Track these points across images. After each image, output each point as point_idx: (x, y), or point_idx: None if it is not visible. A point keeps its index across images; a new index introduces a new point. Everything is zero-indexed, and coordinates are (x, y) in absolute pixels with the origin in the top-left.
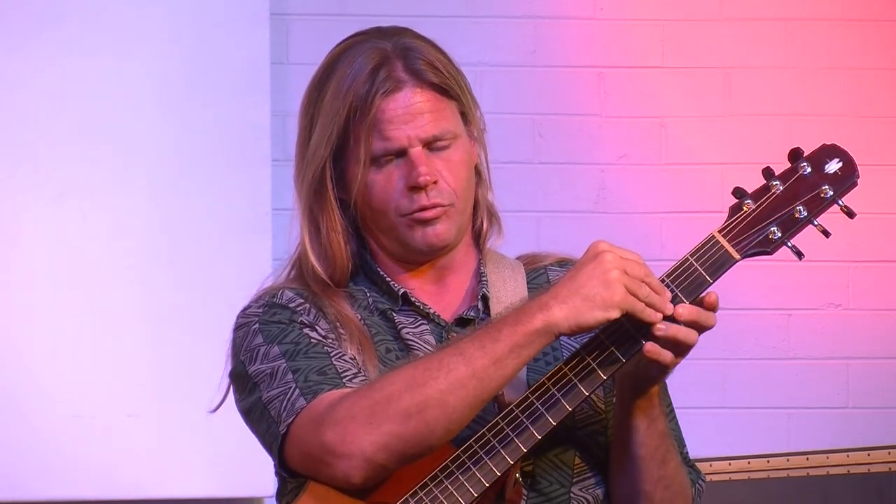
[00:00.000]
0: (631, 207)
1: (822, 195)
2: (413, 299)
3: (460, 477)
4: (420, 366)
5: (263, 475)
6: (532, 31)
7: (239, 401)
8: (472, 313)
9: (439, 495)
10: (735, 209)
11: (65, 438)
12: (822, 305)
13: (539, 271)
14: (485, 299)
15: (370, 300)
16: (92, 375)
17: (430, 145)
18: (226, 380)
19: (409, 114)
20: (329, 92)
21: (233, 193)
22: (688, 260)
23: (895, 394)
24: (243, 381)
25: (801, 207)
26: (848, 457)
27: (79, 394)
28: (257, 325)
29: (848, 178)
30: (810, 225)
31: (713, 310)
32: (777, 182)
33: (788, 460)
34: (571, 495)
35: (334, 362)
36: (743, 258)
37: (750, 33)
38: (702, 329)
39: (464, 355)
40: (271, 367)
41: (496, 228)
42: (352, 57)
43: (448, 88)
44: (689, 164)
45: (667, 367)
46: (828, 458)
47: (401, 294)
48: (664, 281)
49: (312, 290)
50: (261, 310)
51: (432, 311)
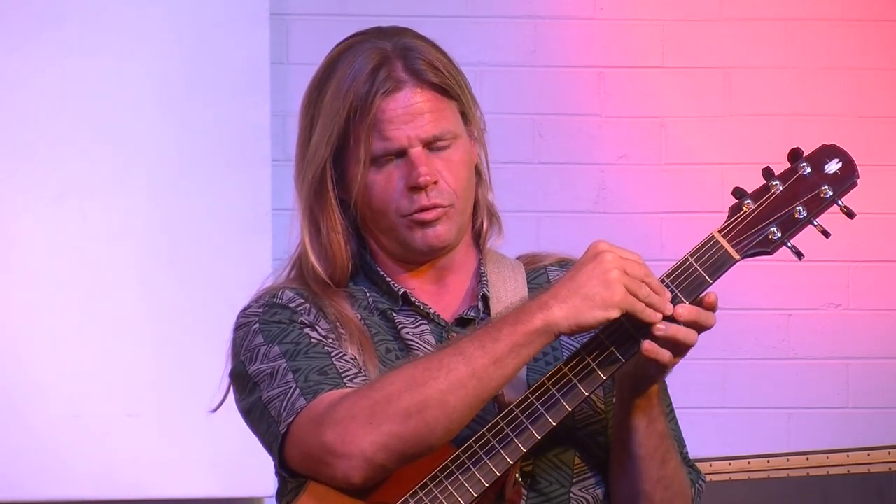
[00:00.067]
0: (631, 207)
1: (822, 195)
2: (413, 299)
3: (460, 477)
4: (420, 366)
5: (263, 475)
6: (532, 31)
7: (239, 401)
8: (472, 313)
9: (439, 495)
10: (735, 209)
11: (64, 438)
12: (822, 305)
13: (539, 271)
14: (485, 299)
15: (370, 300)
16: (92, 375)
17: (431, 145)
18: (226, 380)
19: (410, 114)
20: (329, 92)
21: (233, 193)
22: (688, 260)
23: (895, 394)
24: (243, 381)
25: (800, 207)
26: (848, 457)
27: (79, 394)
28: (257, 325)
29: (848, 178)
30: (810, 225)
31: (712, 310)
32: (777, 182)
33: (788, 460)
34: (571, 495)
35: (335, 362)
36: (743, 258)
37: (750, 33)
38: (701, 329)
39: (464, 355)
40: (271, 366)
41: (496, 228)
42: (352, 57)
43: (448, 88)
44: (689, 164)
45: (665, 367)
46: (828, 458)
47: (401, 294)
48: (664, 281)
49: (313, 290)
50: (261, 310)
51: (432, 311)
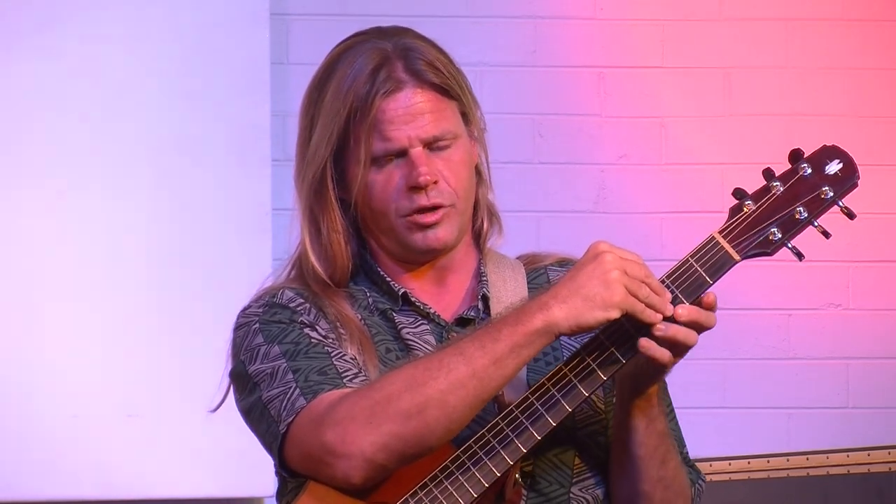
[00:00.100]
0: (631, 207)
1: (823, 196)
2: (413, 299)
3: (460, 477)
4: (420, 366)
5: (263, 475)
6: (532, 31)
7: (239, 400)
8: (472, 313)
9: (439, 496)
10: (735, 210)
11: (64, 438)
12: (822, 305)
13: (539, 271)
14: (485, 299)
15: (370, 300)
16: (92, 375)
17: (431, 146)
18: (226, 379)
19: (410, 114)
20: (329, 92)
21: (233, 193)
22: (688, 261)
23: (895, 394)
24: (243, 381)
25: (801, 208)
26: (848, 457)
27: (79, 394)
28: (257, 325)
29: (848, 179)
30: (810, 226)
31: (711, 309)
32: (777, 183)
33: (788, 460)
34: (571, 495)
35: (334, 362)
36: (743, 259)
37: (750, 33)
38: (702, 329)
39: (464, 355)
40: (271, 366)
41: (496, 228)
42: (352, 57)
43: (448, 88)
44: (689, 164)
45: (665, 367)
46: (828, 458)
47: (401, 294)
48: (664, 282)
49: (313, 290)
50: (261, 309)
51: (432, 311)
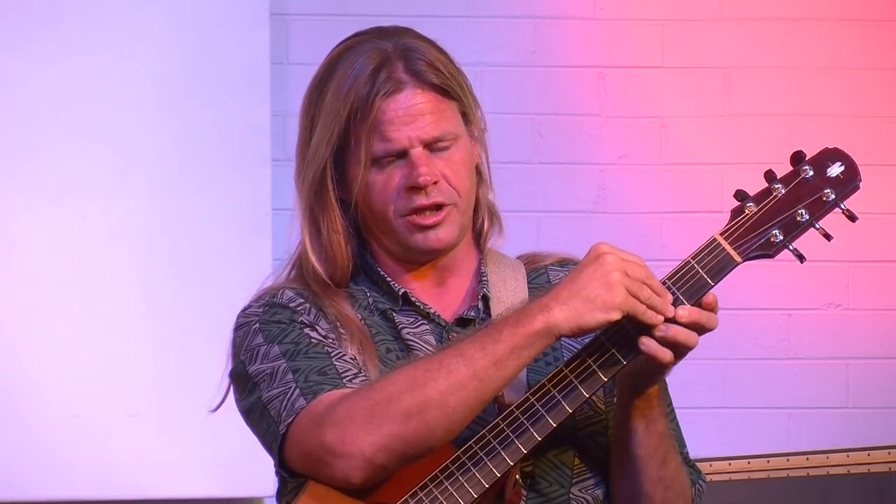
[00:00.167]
0: (631, 207)
1: (824, 199)
2: (413, 299)
3: (460, 478)
4: (420, 366)
5: (263, 475)
6: (532, 31)
7: (239, 400)
8: (472, 313)
9: (439, 496)
10: (737, 212)
11: (64, 438)
12: (822, 305)
13: (540, 271)
14: (485, 299)
15: (370, 300)
16: (92, 375)
17: (431, 146)
18: (226, 379)
19: (410, 115)
20: (330, 92)
21: (233, 193)
22: (689, 262)
23: (895, 394)
24: (243, 381)
25: (802, 211)
26: (848, 457)
27: (79, 394)
28: (257, 325)
29: (850, 181)
30: (812, 228)
31: (711, 310)
32: (779, 185)
33: (788, 460)
34: (571, 496)
35: (334, 362)
36: (744, 261)
37: (750, 33)
38: (703, 331)
39: (464, 356)
40: (271, 366)
41: (497, 228)
42: (352, 57)
43: (449, 89)
44: (689, 164)
45: (665, 367)
46: (828, 458)
47: (401, 294)
48: (665, 283)
49: (313, 290)
50: (261, 309)
51: (433, 311)
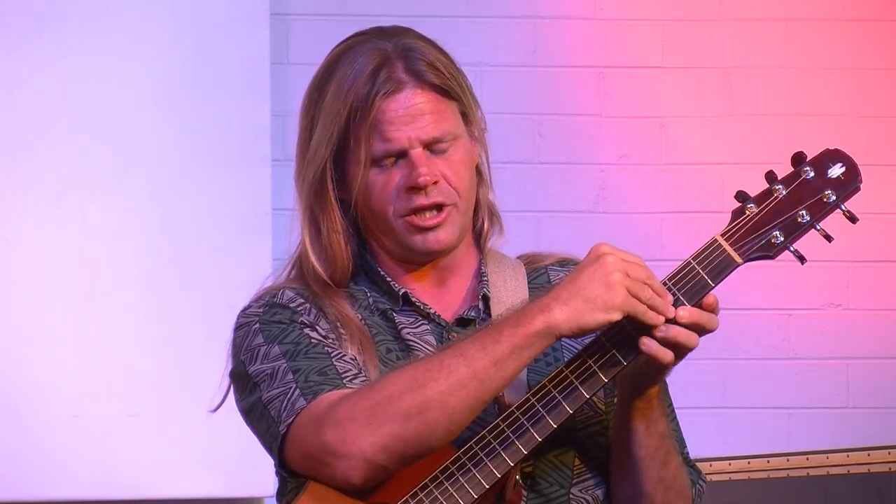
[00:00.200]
0: (631, 207)
1: (825, 200)
2: (414, 299)
3: (460, 478)
4: (421, 367)
5: (263, 475)
6: (532, 31)
7: (239, 401)
8: (472, 313)
9: (439, 496)
10: (738, 213)
11: (64, 438)
12: (822, 305)
13: (540, 271)
14: (485, 299)
15: (371, 300)
16: (92, 375)
17: (431, 146)
18: (226, 379)
19: (410, 115)
20: (330, 92)
21: (233, 193)
22: (690, 263)
23: (895, 394)
24: (244, 381)
25: (803, 212)
26: (848, 457)
27: (79, 394)
28: (258, 325)
29: (851, 182)
30: (813, 229)
31: (712, 311)
32: (780, 186)
33: (788, 460)
34: (571, 496)
35: (335, 363)
36: (745, 262)
37: (750, 33)
38: (703, 332)
39: (464, 356)
40: (272, 367)
41: (497, 228)
42: (352, 57)
43: (449, 89)
44: (689, 164)
45: (665, 368)
46: (828, 458)
47: (401, 294)
48: (666, 284)
49: (313, 290)
50: (261, 309)
51: (433, 312)
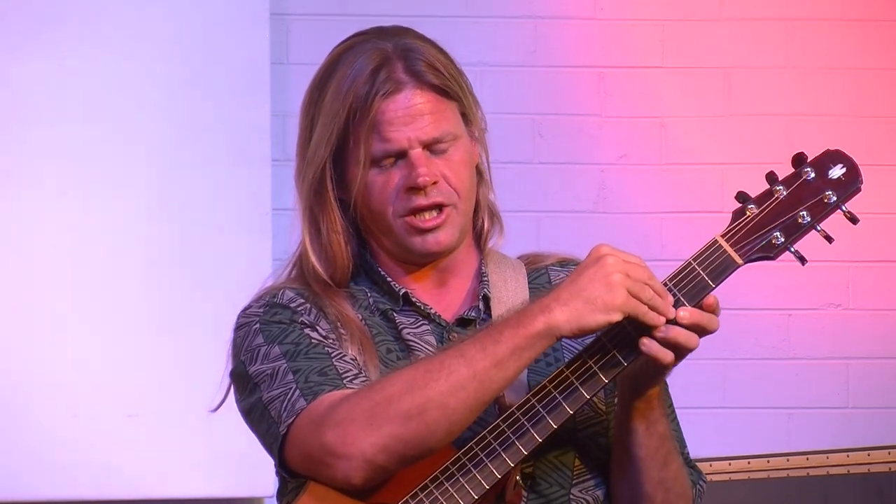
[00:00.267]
0: (631, 207)
1: (826, 201)
2: (414, 299)
3: (460, 479)
4: (421, 367)
5: (263, 475)
6: (532, 31)
7: (239, 401)
8: (472, 313)
9: (439, 497)
10: (738, 213)
11: (64, 438)
12: (822, 305)
13: (540, 271)
14: (486, 299)
15: (371, 300)
16: (92, 375)
17: (431, 147)
18: (226, 380)
19: (410, 115)
20: (329, 92)
21: (233, 193)
22: (690, 264)
23: (895, 394)
24: (244, 381)
25: (804, 213)
26: (848, 457)
27: (79, 394)
28: (258, 325)
29: (851, 183)
30: (813, 230)
31: (712, 311)
32: (780, 187)
33: (788, 460)
34: (571, 497)
35: (335, 363)
36: (746, 263)
37: (750, 33)
38: (703, 333)
39: (465, 357)
40: (272, 367)
41: (497, 228)
42: (352, 57)
43: (449, 89)
44: (689, 164)
45: (665, 368)
46: (828, 458)
47: (402, 294)
48: (666, 284)
49: (313, 290)
50: (261, 309)
51: (433, 312)
